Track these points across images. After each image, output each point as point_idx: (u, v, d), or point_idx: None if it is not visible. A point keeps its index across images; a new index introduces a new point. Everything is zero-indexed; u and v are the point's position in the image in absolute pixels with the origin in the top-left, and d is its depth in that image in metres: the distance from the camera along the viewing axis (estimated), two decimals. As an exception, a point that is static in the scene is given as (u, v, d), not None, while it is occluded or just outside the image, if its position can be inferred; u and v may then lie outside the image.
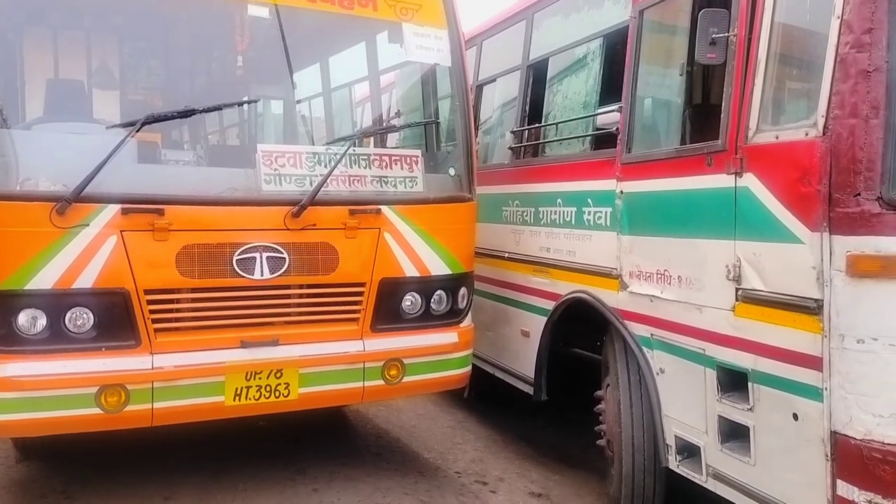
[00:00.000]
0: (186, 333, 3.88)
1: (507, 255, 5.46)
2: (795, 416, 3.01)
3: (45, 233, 3.52)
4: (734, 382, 3.36)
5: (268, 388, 4.01)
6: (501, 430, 5.98)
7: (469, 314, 4.72)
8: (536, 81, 5.43)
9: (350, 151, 4.29)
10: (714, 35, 3.34)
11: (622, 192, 4.13)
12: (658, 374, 3.88)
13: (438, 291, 4.51)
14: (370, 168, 4.36)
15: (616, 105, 4.28)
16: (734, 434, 3.38)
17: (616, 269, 4.16)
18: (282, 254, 3.99)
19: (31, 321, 3.55)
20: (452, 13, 4.72)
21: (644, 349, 3.96)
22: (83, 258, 3.60)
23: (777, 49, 3.17)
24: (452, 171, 4.70)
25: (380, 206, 4.27)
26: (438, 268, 4.48)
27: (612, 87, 4.46)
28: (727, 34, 3.34)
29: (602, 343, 4.47)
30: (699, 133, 3.78)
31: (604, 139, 4.49)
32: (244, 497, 4.33)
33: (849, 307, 2.79)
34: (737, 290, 3.29)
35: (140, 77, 6.52)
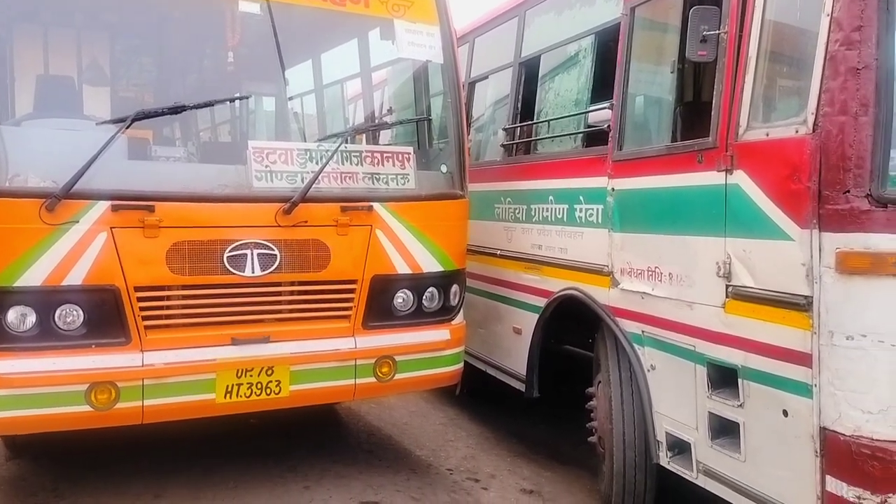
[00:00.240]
0: (177, 330, 3.86)
1: (499, 253, 5.46)
2: (785, 413, 3.02)
3: (35, 229, 3.51)
4: (724, 379, 3.37)
5: (259, 386, 4.00)
6: (493, 427, 5.98)
7: (461, 311, 4.72)
8: (528, 79, 5.43)
9: (342, 148, 4.28)
10: (705, 32, 3.34)
11: (613, 190, 4.13)
12: (649, 371, 3.89)
13: (430, 289, 4.51)
14: (362, 165, 4.35)
15: (607, 102, 4.28)
16: (724, 430, 3.39)
17: (607, 266, 4.17)
18: (273, 251, 3.98)
19: (21, 318, 3.53)
20: (444, 10, 4.71)
21: (635, 346, 3.97)
22: (73, 255, 3.58)
23: (767, 46, 3.18)
24: (444, 169, 4.69)
25: (371, 203, 4.27)
26: (430, 265, 4.48)
27: (604, 85, 4.46)
28: (718, 32, 3.35)
29: (594, 340, 4.48)
30: (690, 130, 3.79)
31: (595, 136, 4.49)
32: (235, 495, 4.32)
33: (838, 304, 2.80)
34: (727, 287, 3.30)
35: (131, 74, 6.51)
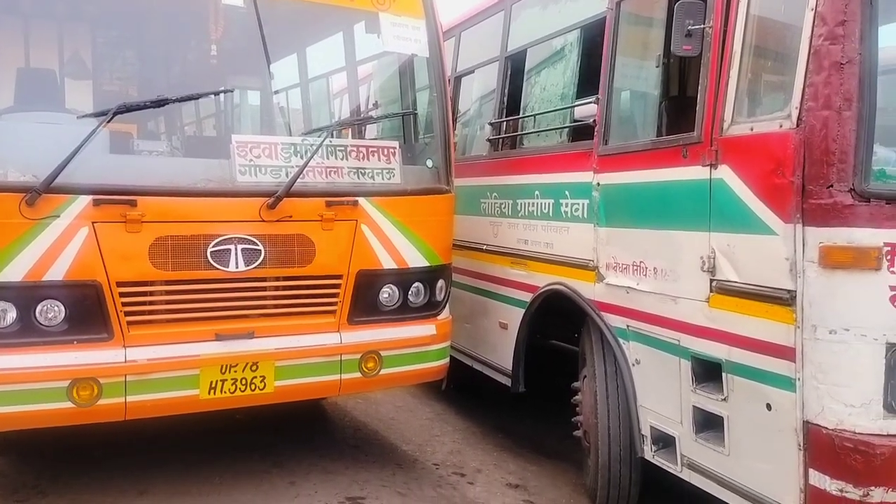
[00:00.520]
0: (160, 326, 3.83)
1: (486, 248, 5.46)
2: (769, 406, 3.04)
3: (15, 224, 3.46)
4: (708, 373, 3.39)
5: (243, 382, 3.97)
6: (479, 422, 5.99)
7: (447, 306, 4.71)
8: (514, 73, 5.42)
9: (327, 142, 4.25)
10: (690, 27, 3.34)
11: (599, 184, 4.13)
12: (634, 365, 3.90)
13: (416, 284, 4.49)
14: (347, 159, 4.32)
15: (593, 97, 4.28)
16: (708, 424, 3.41)
17: (593, 261, 4.17)
18: (257, 246, 3.95)
19: (1, 314, 3.49)
20: (430, 3, 4.67)
21: (620, 340, 3.98)
22: (54, 250, 3.54)
23: (752, 41, 3.19)
24: (430, 163, 4.67)
25: (357, 198, 4.24)
26: (416, 260, 4.46)
27: (590, 79, 4.46)
28: (703, 26, 3.36)
29: (579, 335, 4.49)
30: (675, 125, 3.80)
31: (581, 131, 4.49)
32: (220, 490, 4.30)
33: (821, 298, 2.82)
34: (711, 282, 3.31)
35: (113, 67, 6.43)
